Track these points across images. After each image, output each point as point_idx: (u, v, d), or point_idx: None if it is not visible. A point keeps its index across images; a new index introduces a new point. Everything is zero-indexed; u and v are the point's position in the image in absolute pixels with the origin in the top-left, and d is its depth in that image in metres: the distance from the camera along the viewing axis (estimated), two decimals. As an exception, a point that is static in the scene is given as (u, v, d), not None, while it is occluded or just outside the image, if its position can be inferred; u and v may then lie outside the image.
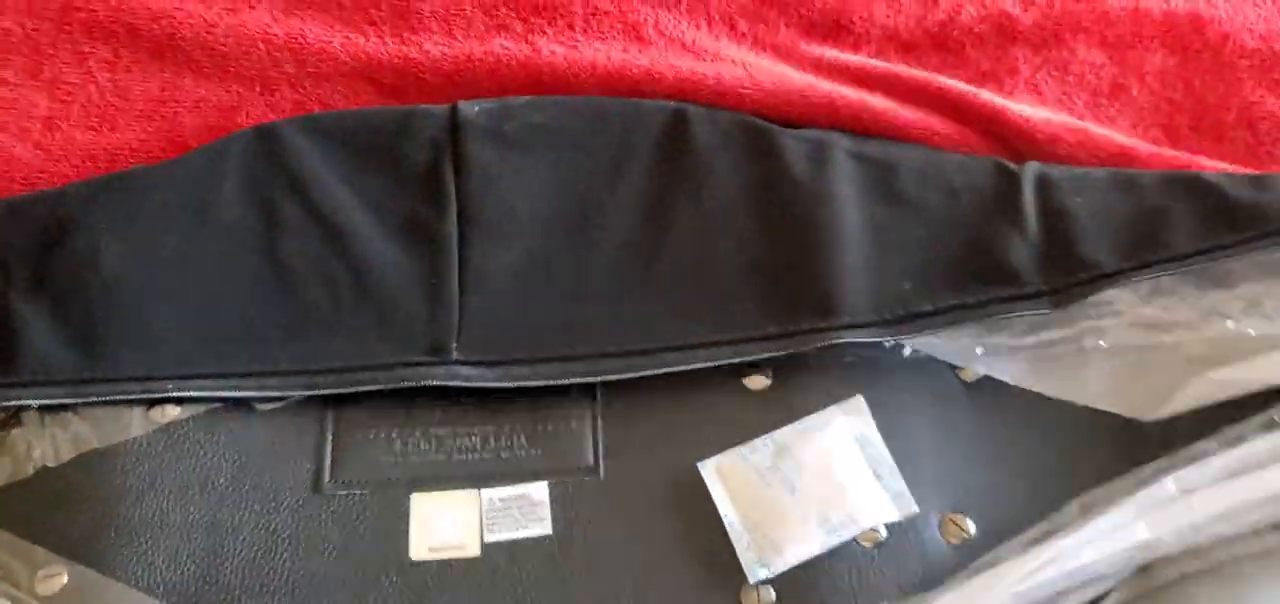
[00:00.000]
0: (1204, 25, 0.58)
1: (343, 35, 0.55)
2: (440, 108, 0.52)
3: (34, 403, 0.44)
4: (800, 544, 0.42)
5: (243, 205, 0.49)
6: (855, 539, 0.43)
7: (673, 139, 0.51)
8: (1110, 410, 0.46)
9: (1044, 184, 0.50)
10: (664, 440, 0.46)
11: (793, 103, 0.52)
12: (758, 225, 0.49)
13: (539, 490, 0.45)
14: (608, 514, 0.44)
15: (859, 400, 0.45)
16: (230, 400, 0.45)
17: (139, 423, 0.45)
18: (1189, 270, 0.47)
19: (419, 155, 0.50)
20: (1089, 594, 0.41)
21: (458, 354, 0.46)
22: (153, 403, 0.45)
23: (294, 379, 0.46)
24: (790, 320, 0.47)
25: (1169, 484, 0.42)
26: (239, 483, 0.44)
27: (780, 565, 0.42)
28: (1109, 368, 0.47)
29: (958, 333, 0.47)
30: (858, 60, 0.55)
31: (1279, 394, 0.44)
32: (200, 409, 0.45)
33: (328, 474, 0.45)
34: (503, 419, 0.47)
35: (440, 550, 0.44)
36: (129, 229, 0.48)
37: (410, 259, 0.48)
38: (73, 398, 0.44)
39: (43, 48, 0.55)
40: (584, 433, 0.46)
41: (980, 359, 0.48)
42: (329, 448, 0.45)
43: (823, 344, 0.46)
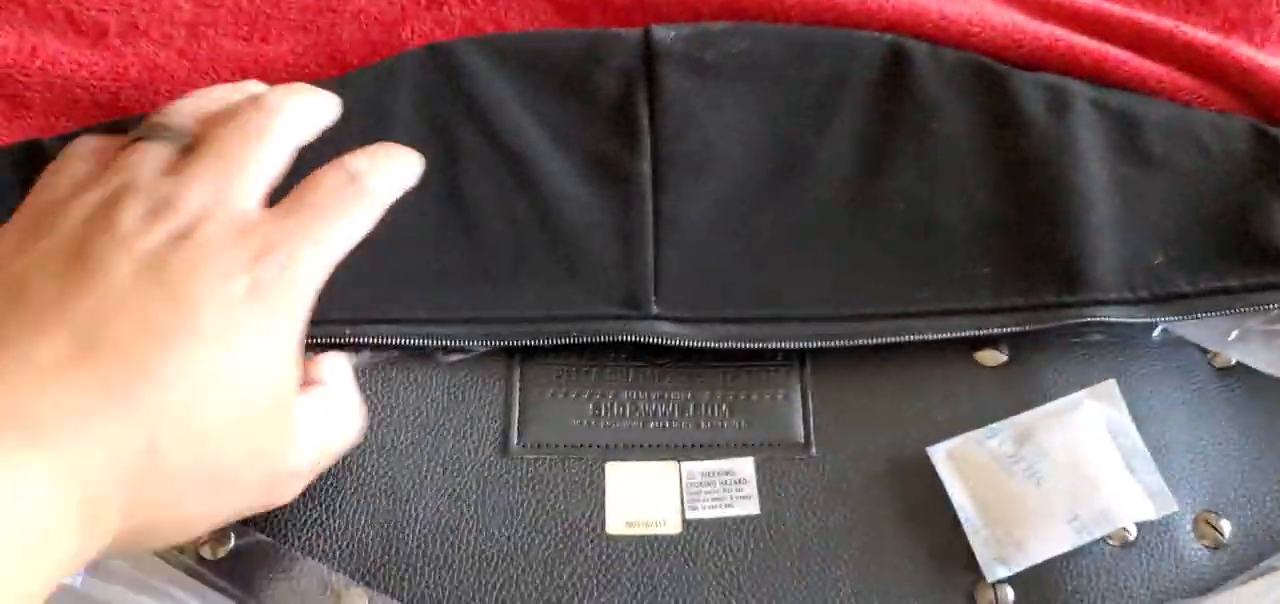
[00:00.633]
0: None
1: (519, -54, 0.50)
2: (632, 31, 0.46)
3: None
4: (1045, 541, 0.38)
5: (418, 132, 0.44)
6: (1103, 538, 0.38)
7: (891, 76, 0.46)
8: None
9: None
10: (883, 418, 0.41)
11: (1024, 45, 0.46)
12: (991, 178, 0.44)
13: (745, 466, 0.41)
14: (821, 497, 0.40)
15: (1111, 385, 0.40)
16: (411, 349, 0.41)
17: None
18: None
19: (609, 84, 0.45)
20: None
21: (657, 308, 0.42)
22: (324, 347, 0.41)
23: (479, 328, 0.41)
24: (1033, 291, 0.41)
25: None
26: (420, 443, 0.40)
27: (1021, 563, 0.38)
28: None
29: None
30: (1093, 3, 0.49)
31: None
32: (377, 359, 0.41)
33: (516, 436, 0.41)
34: (701, 385, 0.42)
35: (638, 526, 0.39)
36: None
37: (600, 200, 0.43)
38: None
39: (184, -56, 0.51)
40: (792, 405, 0.42)
41: (1233, 344, 0.43)
42: (516, 407, 0.41)
43: (1071, 321, 0.41)
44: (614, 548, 0.39)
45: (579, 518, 0.39)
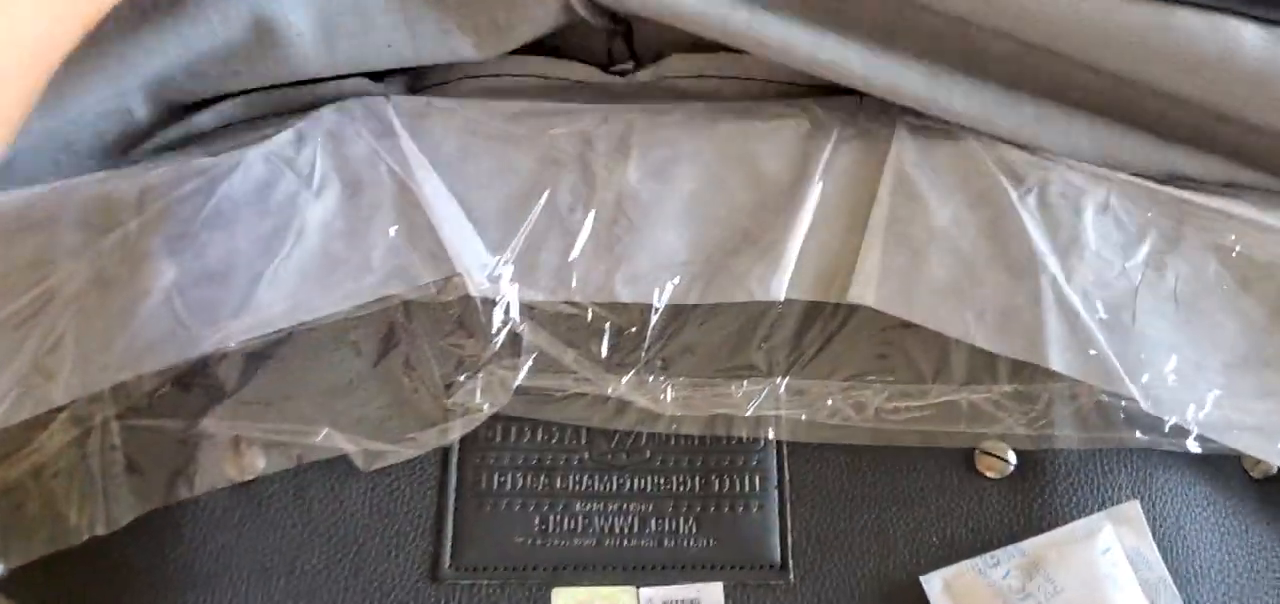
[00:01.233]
0: None
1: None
2: None
3: None
4: (1055, 693, 0.33)
5: None
6: (1123, 687, 0.33)
7: None
8: None
9: None
10: (870, 535, 0.36)
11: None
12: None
13: (713, 592, 0.35)
14: (801, 628, 0.35)
15: (1135, 507, 0.35)
16: (324, 452, 0.36)
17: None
18: None
19: None
20: None
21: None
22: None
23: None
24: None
25: None
26: (336, 565, 0.35)
27: (1027, 717, 0.33)
28: None
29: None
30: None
31: None
32: (287, 464, 0.36)
33: (448, 557, 0.35)
34: (664, 497, 0.37)
35: (588, 663, 0.34)
36: None
37: None
38: None
39: None
40: (768, 519, 0.36)
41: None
42: (449, 522, 0.36)
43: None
44: (559, 690, 0.34)
45: (520, 655, 0.34)
